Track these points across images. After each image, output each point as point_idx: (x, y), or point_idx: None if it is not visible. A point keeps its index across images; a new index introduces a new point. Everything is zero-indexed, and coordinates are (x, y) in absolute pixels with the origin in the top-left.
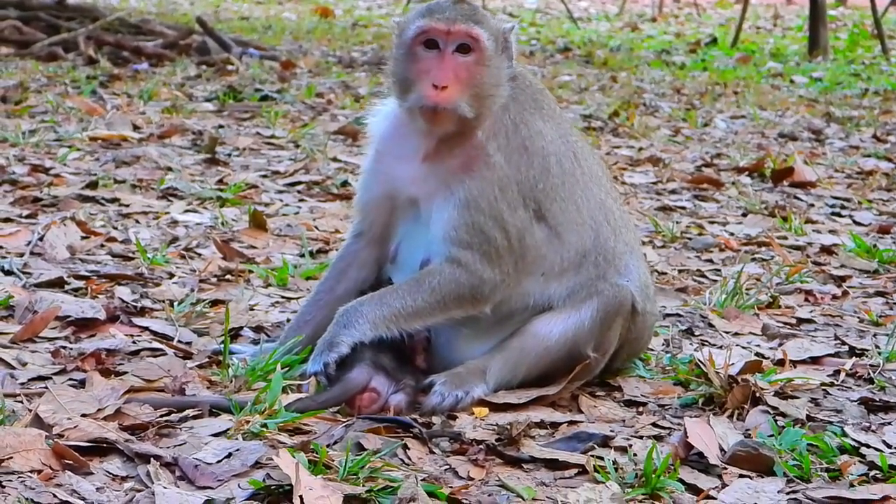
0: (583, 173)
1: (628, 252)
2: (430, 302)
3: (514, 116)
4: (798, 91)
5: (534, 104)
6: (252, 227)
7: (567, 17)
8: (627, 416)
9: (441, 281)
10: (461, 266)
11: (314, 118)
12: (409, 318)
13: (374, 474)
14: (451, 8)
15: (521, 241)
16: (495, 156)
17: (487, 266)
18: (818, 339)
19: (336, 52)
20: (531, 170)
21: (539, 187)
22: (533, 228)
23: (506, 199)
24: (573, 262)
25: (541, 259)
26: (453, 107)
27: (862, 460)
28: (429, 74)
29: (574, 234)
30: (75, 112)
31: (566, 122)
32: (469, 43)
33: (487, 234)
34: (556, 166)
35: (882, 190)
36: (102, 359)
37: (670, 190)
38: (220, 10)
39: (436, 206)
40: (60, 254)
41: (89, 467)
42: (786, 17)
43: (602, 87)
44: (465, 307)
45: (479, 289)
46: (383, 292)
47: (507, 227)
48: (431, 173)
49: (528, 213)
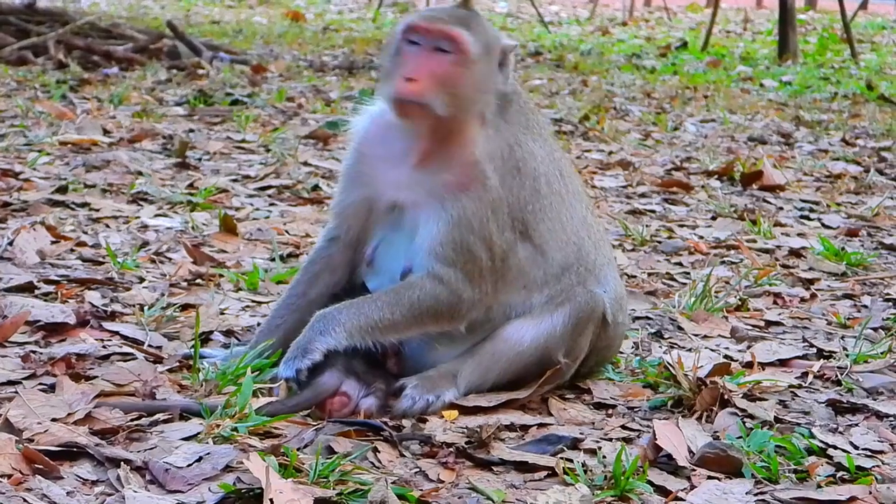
0: (567, 191)
1: (607, 264)
2: (407, 316)
3: (510, 137)
4: (767, 95)
5: (527, 124)
6: (222, 231)
7: (538, 21)
8: (597, 419)
9: (421, 296)
10: (443, 283)
11: (285, 122)
12: (385, 330)
13: (345, 477)
14: (445, 10)
15: (504, 261)
16: (492, 178)
17: (468, 285)
18: (786, 341)
19: (307, 57)
20: (523, 191)
21: (528, 209)
22: (517, 248)
23: (496, 220)
24: (555, 275)
25: (523, 276)
26: (422, 101)
27: (829, 461)
28: (404, 68)
29: (558, 251)
30: (45, 116)
31: (552, 138)
32: (447, 43)
33: (474, 254)
34: (546, 187)
35: (850, 193)
36: (73, 363)
37: (640, 193)
38: (190, 14)
39: (423, 217)
40: (30, 258)
41: (59, 472)
42: (756, 22)
43: (573, 90)
44: (440, 323)
45: (457, 307)
46: (362, 302)
47: (493, 248)
48: (422, 182)
49: (515, 234)
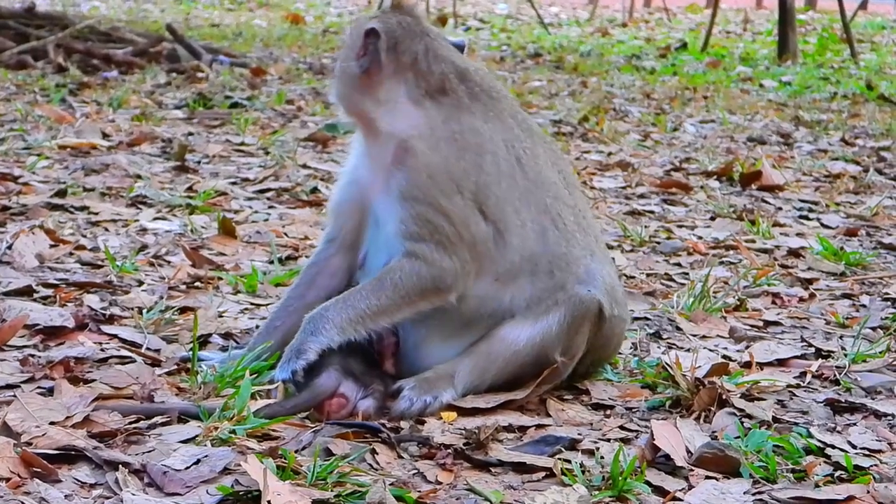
0: (525, 178)
1: (587, 256)
2: (394, 298)
3: (446, 112)
4: (767, 95)
5: (476, 104)
6: (221, 234)
7: (538, 22)
8: (595, 420)
9: (402, 276)
10: (419, 258)
11: (284, 125)
12: (375, 317)
13: (343, 479)
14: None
15: (466, 227)
16: (418, 145)
17: (444, 255)
18: (785, 341)
19: (306, 59)
20: (462, 161)
21: (472, 179)
22: (477, 218)
23: (437, 185)
24: (523, 267)
25: (490, 257)
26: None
27: (827, 461)
28: None
29: (516, 236)
30: (44, 120)
31: (519, 127)
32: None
33: (433, 223)
34: (492, 165)
35: (849, 193)
36: (71, 366)
37: (639, 194)
38: (190, 17)
39: (381, 206)
40: (29, 262)
41: (58, 475)
42: (755, 22)
43: (572, 92)
44: (429, 299)
45: (441, 279)
46: (347, 295)
47: (447, 213)
48: (371, 171)
49: (466, 202)
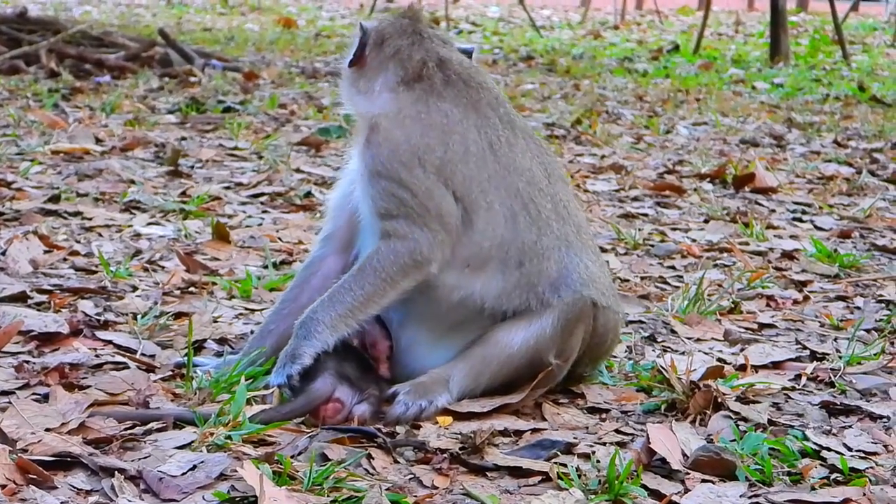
0: (496, 163)
1: (562, 247)
2: (377, 283)
3: (416, 96)
4: (760, 97)
5: (449, 90)
6: (215, 239)
7: (530, 25)
8: (591, 423)
9: (381, 258)
10: (392, 236)
11: (277, 129)
12: (363, 307)
13: (339, 484)
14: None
15: (430, 198)
16: (383, 123)
17: (415, 227)
18: (779, 343)
19: (299, 63)
20: (426, 138)
21: (436, 154)
22: (441, 191)
23: (398, 158)
24: (492, 254)
25: (458, 234)
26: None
27: (823, 463)
28: None
29: (482, 219)
30: (37, 125)
31: (503, 122)
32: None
33: (398, 197)
34: (459, 145)
35: (843, 195)
36: (66, 373)
37: (632, 197)
38: (182, 21)
39: (358, 190)
40: (23, 268)
41: (53, 481)
42: (747, 24)
43: (565, 94)
44: (411, 275)
45: (417, 251)
46: (332, 292)
47: (409, 186)
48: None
49: (427, 174)
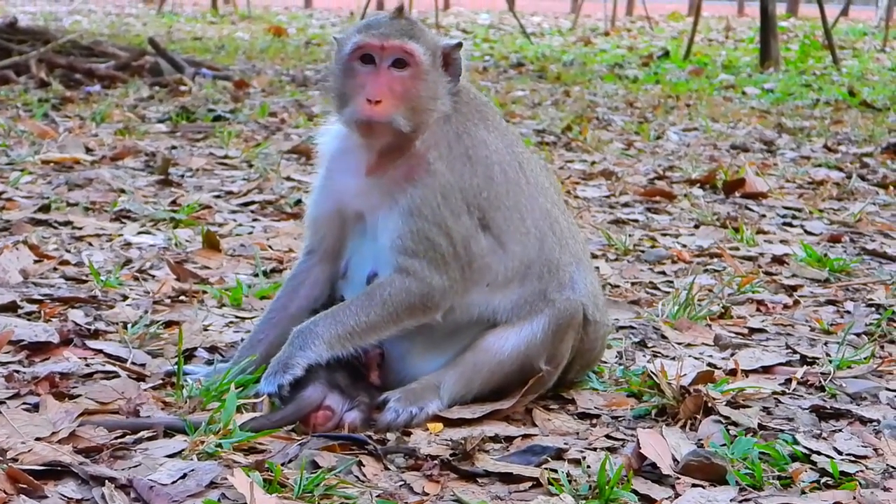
0: (528, 183)
1: (574, 263)
2: (382, 315)
3: (457, 127)
4: (750, 102)
5: (477, 115)
6: (206, 247)
7: (520, 32)
8: (581, 429)
9: (392, 292)
10: (410, 275)
11: (267, 137)
12: (363, 333)
13: (330, 491)
14: (388, 24)
15: (466, 248)
16: (436, 164)
17: (435, 273)
18: (770, 348)
19: (289, 71)
20: (474, 178)
21: (483, 195)
22: (478, 236)
23: (448, 205)
24: (518, 272)
25: (486, 268)
26: (388, 120)
27: (813, 467)
28: (364, 89)
29: (518, 244)
30: (27, 135)
31: (511, 133)
32: (404, 58)
33: (433, 241)
34: (501, 175)
35: (833, 199)
36: (56, 382)
37: (623, 203)
38: (172, 30)
39: (381, 218)
40: (13, 278)
41: (44, 491)
42: (737, 30)
43: (555, 101)
44: (416, 316)
45: (430, 296)
46: (336, 310)
47: (451, 234)
48: (375, 186)
49: (473, 220)
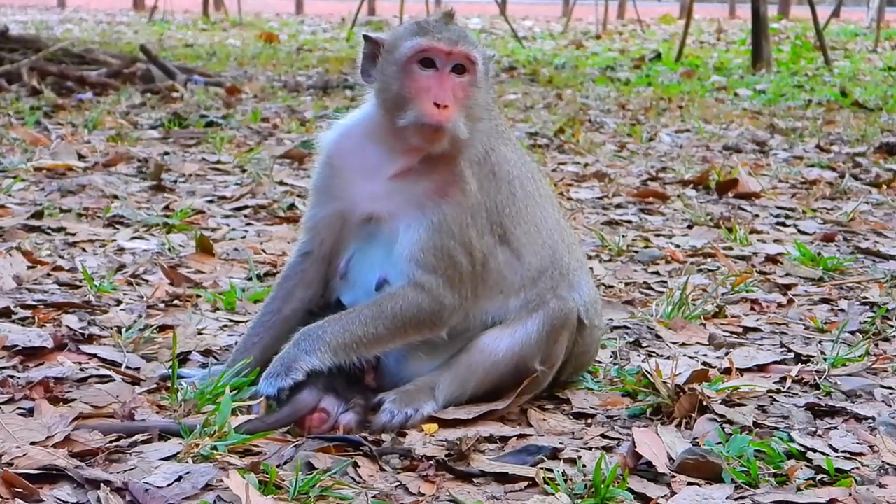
0: (540, 195)
1: (580, 268)
2: (390, 328)
3: (484, 142)
4: (742, 104)
5: (496, 130)
6: (199, 252)
7: (512, 36)
8: (576, 428)
9: (404, 306)
10: (424, 291)
11: (260, 143)
12: (369, 345)
13: (325, 493)
14: (447, 28)
15: (484, 265)
16: (471, 182)
17: (449, 291)
18: (764, 346)
19: (281, 77)
20: (499, 195)
21: (506, 213)
22: (496, 252)
23: (476, 225)
24: (531, 279)
25: (501, 280)
26: (453, 125)
27: (809, 465)
28: (429, 93)
29: (534, 255)
30: (20, 143)
31: (517, 142)
32: (466, 65)
33: (455, 259)
34: (520, 190)
35: (826, 199)
36: (51, 387)
37: (616, 204)
38: (164, 38)
39: (403, 226)
40: (7, 284)
41: (39, 495)
42: (729, 31)
43: (548, 104)
44: (422, 332)
45: (439, 314)
46: (345, 318)
47: (473, 253)
48: (399, 191)
49: (494, 237)
